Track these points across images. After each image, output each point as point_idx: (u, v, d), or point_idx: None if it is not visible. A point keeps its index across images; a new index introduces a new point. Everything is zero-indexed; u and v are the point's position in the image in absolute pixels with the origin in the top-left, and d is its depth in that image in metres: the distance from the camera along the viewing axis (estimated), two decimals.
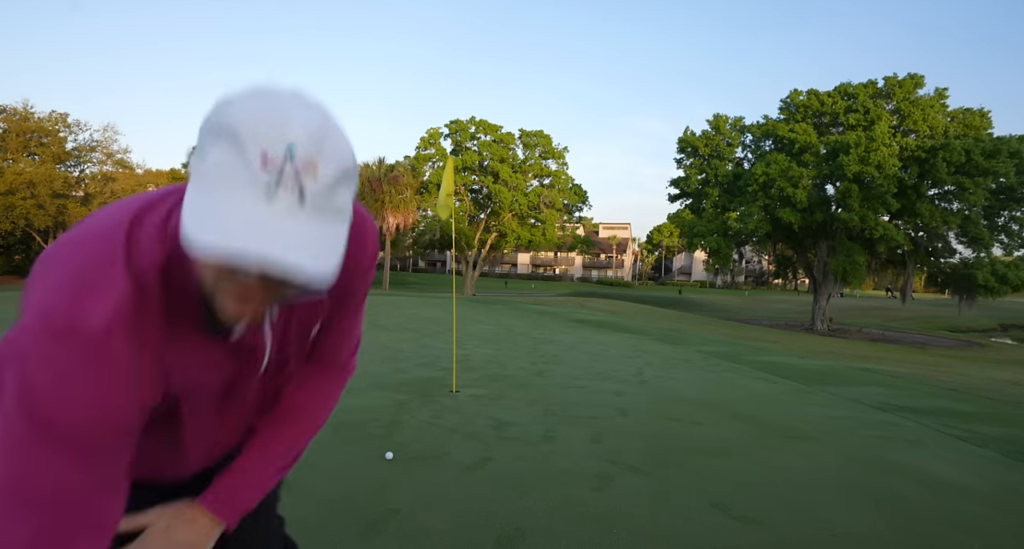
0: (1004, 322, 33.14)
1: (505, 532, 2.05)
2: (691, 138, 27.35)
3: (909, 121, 22.80)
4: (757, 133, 25.77)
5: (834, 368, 7.25)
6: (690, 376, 5.68)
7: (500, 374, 5.16)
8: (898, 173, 21.40)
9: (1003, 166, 20.22)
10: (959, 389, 6.02)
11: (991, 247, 22.42)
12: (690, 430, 3.55)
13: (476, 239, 32.08)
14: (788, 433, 3.58)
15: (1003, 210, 22.19)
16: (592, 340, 8.48)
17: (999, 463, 3.18)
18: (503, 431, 3.32)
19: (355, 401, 3.85)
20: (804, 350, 11.10)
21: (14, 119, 30.20)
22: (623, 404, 4.16)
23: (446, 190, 4.41)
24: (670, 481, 2.63)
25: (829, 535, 2.16)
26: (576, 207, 34.86)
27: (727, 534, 2.13)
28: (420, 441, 3.05)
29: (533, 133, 32.86)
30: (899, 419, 4.14)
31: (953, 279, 23.21)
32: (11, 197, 28.23)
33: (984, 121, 22.72)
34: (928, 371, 8.21)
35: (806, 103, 24.57)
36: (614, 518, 2.22)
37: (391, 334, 7.77)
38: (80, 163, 32.95)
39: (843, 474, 2.86)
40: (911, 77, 22.94)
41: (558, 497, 2.39)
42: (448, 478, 2.55)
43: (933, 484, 2.78)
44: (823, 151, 22.47)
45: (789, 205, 22.24)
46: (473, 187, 33.29)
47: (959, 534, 2.24)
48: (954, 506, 2.51)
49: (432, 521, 2.11)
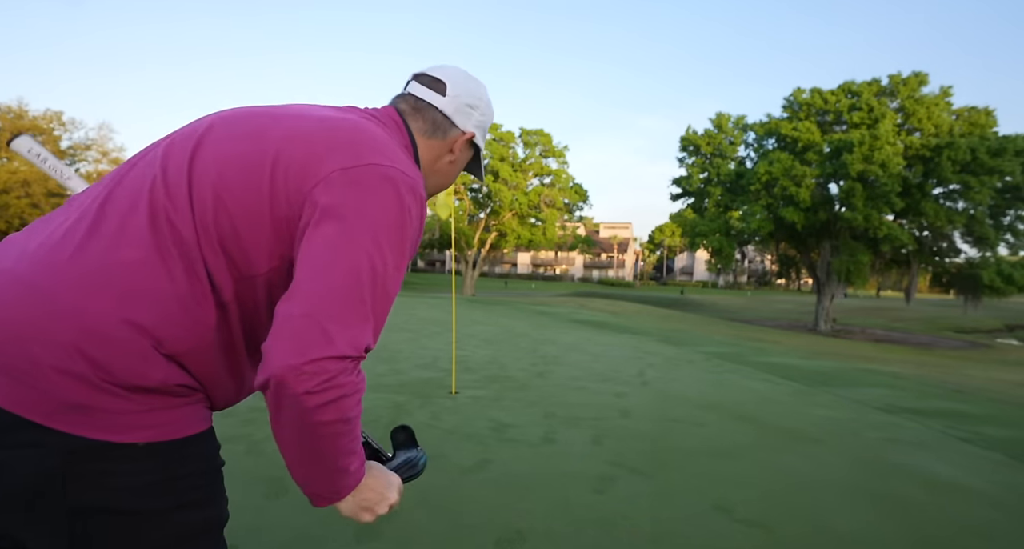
0: (1010, 323, 32.95)
1: (504, 535, 2.03)
2: (693, 137, 27.25)
3: (913, 119, 22.66)
4: (760, 132, 25.67)
5: (838, 369, 7.21)
6: (692, 377, 5.65)
7: (500, 375, 5.14)
8: (902, 172, 21.29)
9: (1009, 165, 20.10)
10: (964, 390, 5.97)
11: (997, 247, 22.28)
12: (692, 431, 3.53)
13: (476, 239, 32.06)
14: (791, 435, 3.55)
15: (1009, 209, 22.04)
16: (593, 341, 8.46)
17: (1005, 465, 3.15)
18: (503, 433, 3.29)
19: None
20: (807, 351, 11.06)
21: (8, 117, 30.30)
22: (624, 405, 4.13)
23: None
24: (672, 483, 2.61)
25: (833, 538, 2.14)
26: (577, 206, 34.80)
27: (729, 536, 2.11)
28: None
29: (533, 132, 32.81)
30: (903, 421, 4.10)
31: (958, 279, 23.09)
32: (5, 196, 28.37)
33: (989, 119, 22.57)
34: (933, 372, 8.16)
35: (809, 101, 24.44)
36: (615, 520, 2.19)
37: (390, 334, 7.76)
38: (75, 162, 33.09)
39: (847, 476, 2.83)
40: (915, 75, 22.80)
41: (558, 499, 2.36)
42: (447, 480, 2.52)
43: (938, 486, 2.74)
44: (826, 150, 22.36)
45: (792, 204, 22.15)
46: (473, 186, 33.28)
47: (964, 537, 2.20)
48: (959, 509, 2.48)
49: (430, 523, 2.09)
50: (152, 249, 0.68)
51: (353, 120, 0.80)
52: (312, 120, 0.78)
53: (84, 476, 0.64)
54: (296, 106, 0.84)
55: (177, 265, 0.69)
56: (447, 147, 0.92)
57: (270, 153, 0.73)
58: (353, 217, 0.69)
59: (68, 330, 0.64)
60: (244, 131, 0.76)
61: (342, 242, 0.68)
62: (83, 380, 0.64)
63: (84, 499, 0.65)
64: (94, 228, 0.70)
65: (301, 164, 0.72)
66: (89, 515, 0.66)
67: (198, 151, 0.74)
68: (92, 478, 0.65)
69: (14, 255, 0.71)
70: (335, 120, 0.79)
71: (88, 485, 0.65)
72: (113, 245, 0.68)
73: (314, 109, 0.83)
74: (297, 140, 0.74)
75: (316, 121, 0.78)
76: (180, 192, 0.71)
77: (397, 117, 0.89)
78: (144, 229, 0.69)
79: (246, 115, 0.80)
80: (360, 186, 0.71)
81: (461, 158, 0.96)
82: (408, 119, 0.90)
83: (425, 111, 0.90)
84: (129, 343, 0.66)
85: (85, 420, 0.64)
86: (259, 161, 0.72)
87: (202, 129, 0.78)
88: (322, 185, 0.70)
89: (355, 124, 0.79)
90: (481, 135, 0.96)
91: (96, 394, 0.64)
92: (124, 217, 0.70)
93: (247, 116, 0.79)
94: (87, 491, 0.65)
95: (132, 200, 0.72)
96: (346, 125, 0.78)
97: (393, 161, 0.75)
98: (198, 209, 0.70)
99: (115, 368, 0.65)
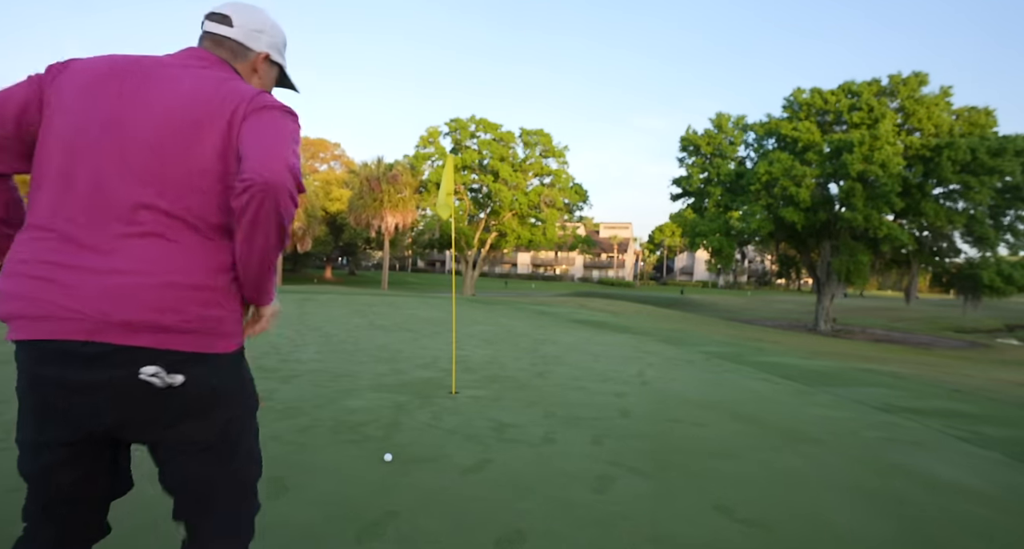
0: (1010, 323, 32.95)
1: (505, 534, 2.03)
2: (693, 137, 27.24)
3: (913, 119, 22.66)
4: (760, 132, 25.66)
5: (837, 369, 7.22)
6: (692, 377, 5.65)
7: (500, 375, 5.14)
8: (902, 172, 21.29)
9: (1009, 165, 20.09)
10: (963, 390, 5.98)
11: (997, 247, 22.28)
12: (692, 431, 3.53)
13: (476, 239, 32.03)
14: (791, 434, 3.55)
15: (1009, 209, 22.04)
16: (593, 341, 8.46)
17: (1004, 465, 3.15)
18: (503, 433, 3.30)
19: (353, 402, 3.84)
20: (807, 351, 11.06)
21: None
22: (624, 405, 4.14)
23: (446, 189, 4.39)
24: (672, 483, 2.61)
25: (832, 538, 2.14)
26: (577, 206, 34.77)
27: (729, 536, 2.11)
28: (419, 443, 3.04)
29: (533, 132, 32.78)
30: (903, 420, 4.11)
31: (958, 279, 23.09)
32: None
33: (989, 119, 22.57)
34: (932, 372, 8.16)
35: (809, 101, 24.44)
36: (615, 520, 2.20)
37: (390, 334, 7.76)
38: None
39: (846, 476, 2.83)
40: (915, 75, 22.79)
41: (558, 499, 2.37)
42: (447, 480, 2.53)
43: (936, 486, 2.75)
44: (827, 150, 22.35)
45: (792, 204, 22.14)
46: (473, 186, 33.25)
47: (963, 537, 2.21)
48: (958, 508, 2.48)
49: (431, 523, 2.10)
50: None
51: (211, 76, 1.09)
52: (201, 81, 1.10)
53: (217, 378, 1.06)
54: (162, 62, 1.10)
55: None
56: (251, 68, 1.17)
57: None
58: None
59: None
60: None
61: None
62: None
63: (221, 391, 1.07)
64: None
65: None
66: (221, 404, 1.07)
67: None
68: (220, 379, 1.06)
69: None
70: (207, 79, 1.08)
71: (217, 382, 1.05)
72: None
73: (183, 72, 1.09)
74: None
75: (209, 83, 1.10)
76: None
77: (211, 55, 1.11)
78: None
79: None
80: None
81: (267, 75, 1.21)
82: (216, 52, 1.13)
83: (223, 42, 1.13)
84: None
85: (212, 342, 1.03)
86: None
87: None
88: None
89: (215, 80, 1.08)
90: (277, 53, 1.20)
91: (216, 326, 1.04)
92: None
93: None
94: (222, 389, 1.07)
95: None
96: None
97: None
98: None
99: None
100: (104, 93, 0.99)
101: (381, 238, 33.54)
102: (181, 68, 1.05)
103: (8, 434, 2.84)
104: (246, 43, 1.14)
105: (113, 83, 1.00)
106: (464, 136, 32.62)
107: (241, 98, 1.02)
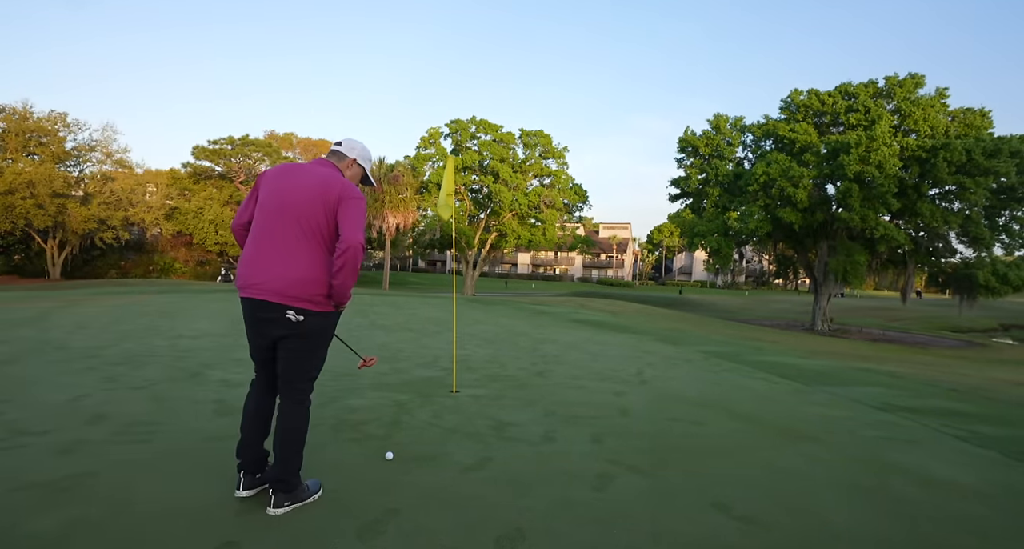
0: (1005, 322, 33.09)
1: (505, 532, 2.05)
2: (691, 138, 27.29)
3: (910, 121, 22.74)
4: (758, 133, 25.72)
5: (835, 368, 7.25)
6: (691, 376, 5.67)
7: (500, 374, 5.15)
8: (899, 173, 21.35)
9: (1004, 166, 20.17)
10: (960, 389, 6.01)
11: (992, 247, 22.35)
12: (691, 430, 3.55)
13: (476, 239, 32.03)
14: (789, 433, 3.58)
15: (1004, 210, 22.12)
16: (592, 340, 8.48)
17: (1000, 463, 3.18)
18: (503, 431, 3.31)
19: (355, 401, 3.85)
20: (805, 350, 11.09)
21: (13, 119, 30.19)
22: (624, 404, 4.16)
23: (447, 190, 4.40)
24: (671, 481, 2.63)
25: (829, 536, 2.16)
26: (576, 207, 34.81)
27: (727, 534, 2.13)
28: (420, 441, 3.05)
29: (533, 133, 32.81)
30: (899, 419, 4.14)
31: (954, 279, 23.17)
32: (11, 197, 28.22)
33: (985, 121, 22.66)
34: (929, 371, 8.20)
35: (807, 103, 24.51)
36: (614, 518, 2.22)
37: (391, 334, 7.76)
38: (79, 163, 32.94)
39: (844, 474, 2.86)
40: (912, 77, 22.88)
41: (558, 497, 2.38)
42: (448, 478, 2.54)
43: (933, 484, 2.77)
44: (824, 151, 22.42)
45: (790, 205, 22.20)
46: (473, 187, 33.25)
47: (959, 535, 2.23)
48: (954, 506, 2.51)
49: (431, 521, 2.11)
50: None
51: (325, 173, 2.21)
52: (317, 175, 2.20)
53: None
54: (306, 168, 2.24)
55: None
56: (347, 167, 2.31)
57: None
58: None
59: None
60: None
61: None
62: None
63: (316, 327, 2.16)
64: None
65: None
66: (314, 333, 2.16)
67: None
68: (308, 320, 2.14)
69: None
70: (325, 175, 2.19)
71: (314, 323, 2.15)
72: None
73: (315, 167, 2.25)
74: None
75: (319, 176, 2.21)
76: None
77: (328, 162, 2.28)
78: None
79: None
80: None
81: (353, 174, 2.33)
82: (330, 159, 2.30)
83: (335, 154, 2.32)
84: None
85: (316, 306, 2.13)
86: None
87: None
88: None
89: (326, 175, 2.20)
90: (363, 160, 2.34)
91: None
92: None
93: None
94: (317, 326, 2.16)
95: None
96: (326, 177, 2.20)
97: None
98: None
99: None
100: (277, 183, 2.15)
101: (383, 238, 33.53)
102: (314, 166, 2.20)
103: (8, 434, 2.84)
104: (346, 154, 2.30)
105: (283, 177, 2.16)
106: (464, 137, 32.62)
107: (339, 187, 2.11)
